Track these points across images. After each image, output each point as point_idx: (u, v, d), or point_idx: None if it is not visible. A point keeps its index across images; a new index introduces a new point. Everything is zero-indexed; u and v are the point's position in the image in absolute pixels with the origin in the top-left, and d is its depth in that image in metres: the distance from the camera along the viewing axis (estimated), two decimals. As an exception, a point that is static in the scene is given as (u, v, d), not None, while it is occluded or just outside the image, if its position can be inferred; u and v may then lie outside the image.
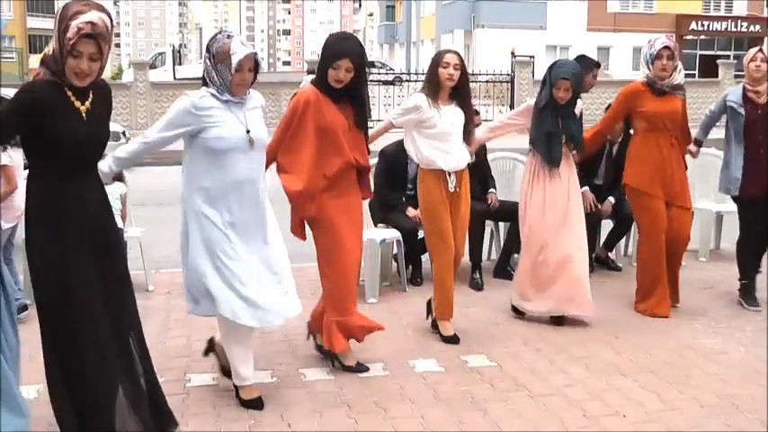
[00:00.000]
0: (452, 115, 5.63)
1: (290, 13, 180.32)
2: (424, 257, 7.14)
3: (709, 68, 36.73)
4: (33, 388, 4.53)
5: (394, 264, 7.40)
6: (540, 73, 29.17)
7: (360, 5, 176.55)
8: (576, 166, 6.34)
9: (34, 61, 25.90)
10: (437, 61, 5.59)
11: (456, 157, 5.63)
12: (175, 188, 4.86)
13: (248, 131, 4.34)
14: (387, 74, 31.33)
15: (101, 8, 3.60)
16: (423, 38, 48.26)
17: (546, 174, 6.09)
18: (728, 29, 47.61)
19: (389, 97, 22.05)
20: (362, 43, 5.19)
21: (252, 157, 4.38)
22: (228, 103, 4.32)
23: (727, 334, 5.95)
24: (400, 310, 6.48)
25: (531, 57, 27.89)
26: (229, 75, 4.23)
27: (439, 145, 5.58)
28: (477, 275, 7.22)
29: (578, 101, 6.19)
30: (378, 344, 5.52)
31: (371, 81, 24.40)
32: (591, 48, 44.96)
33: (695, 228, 7.26)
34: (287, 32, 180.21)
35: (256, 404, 4.51)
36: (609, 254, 7.95)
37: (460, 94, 5.66)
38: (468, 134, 5.69)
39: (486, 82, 24.98)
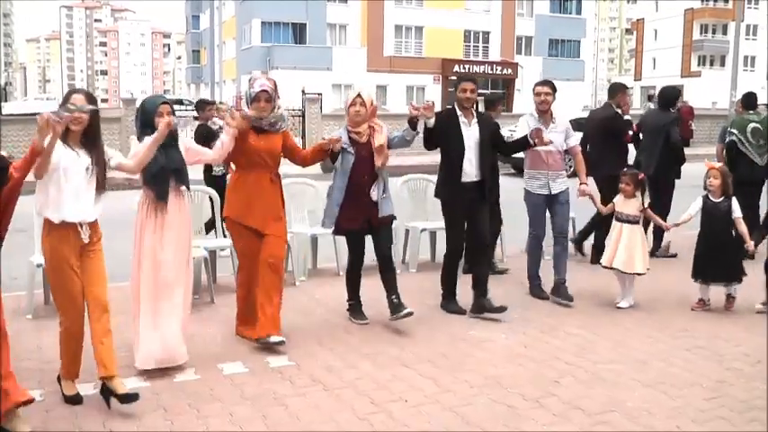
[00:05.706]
0: (83, 162, 4.41)
1: (106, 55, 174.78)
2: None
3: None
4: None
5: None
6: (327, 108, 29.74)
7: (169, 50, 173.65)
8: None
9: None
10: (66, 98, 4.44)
11: (87, 208, 4.42)
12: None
13: None
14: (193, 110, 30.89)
15: None
16: (225, 78, 47.86)
17: (158, 210, 5.10)
18: (486, 71, 50.20)
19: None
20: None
21: None
22: None
23: (491, 325, 6.24)
24: (210, 318, 6.36)
25: (319, 94, 28.50)
26: None
27: (70, 195, 4.33)
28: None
29: (179, 141, 5.28)
30: (189, 351, 5.34)
31: (181, 117, 23.96)
32: (371, 86, 46.34)
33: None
34: (104, 72, 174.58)
35: None
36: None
37: (90, 138, 4.45)
38: (99, 185, 4.47)
39: (281, 116, 24.99)
